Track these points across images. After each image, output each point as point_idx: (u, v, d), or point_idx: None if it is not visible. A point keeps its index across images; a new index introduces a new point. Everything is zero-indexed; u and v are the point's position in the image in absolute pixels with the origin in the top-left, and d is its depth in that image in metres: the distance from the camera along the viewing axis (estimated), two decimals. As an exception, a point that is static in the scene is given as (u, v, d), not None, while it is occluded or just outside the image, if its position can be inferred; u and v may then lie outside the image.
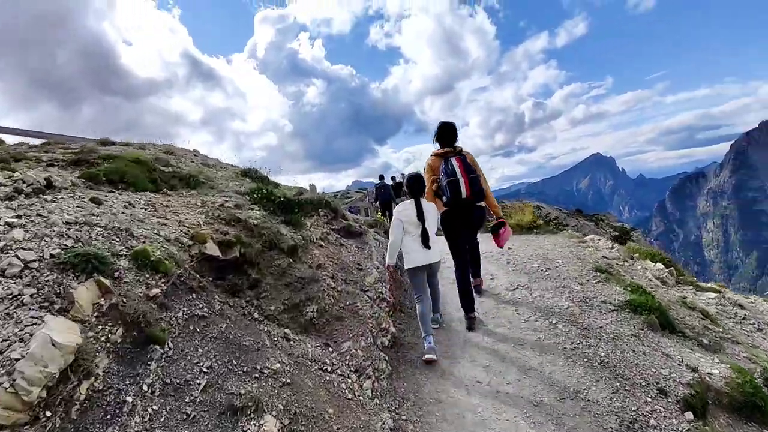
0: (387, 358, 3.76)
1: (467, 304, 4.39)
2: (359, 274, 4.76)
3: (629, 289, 4.72)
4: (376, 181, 15.85)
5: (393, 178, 15.76)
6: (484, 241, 5.57)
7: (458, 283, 4.41)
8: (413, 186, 4.00)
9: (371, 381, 3.37)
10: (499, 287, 5.21)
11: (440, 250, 4.11)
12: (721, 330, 4.55)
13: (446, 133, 4.48)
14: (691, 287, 5.89)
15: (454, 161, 4.25)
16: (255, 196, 5.21)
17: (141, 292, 2.86)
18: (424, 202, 3.97)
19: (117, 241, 3.11)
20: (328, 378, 3.22)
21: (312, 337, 3.71)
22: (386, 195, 14.62)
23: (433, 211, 4.03)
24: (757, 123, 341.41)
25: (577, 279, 5.08)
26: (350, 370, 3.40)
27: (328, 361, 3.41)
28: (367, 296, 4.41)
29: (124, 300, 2.67)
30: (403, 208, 3.93)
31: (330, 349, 3.58)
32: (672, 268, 6.18)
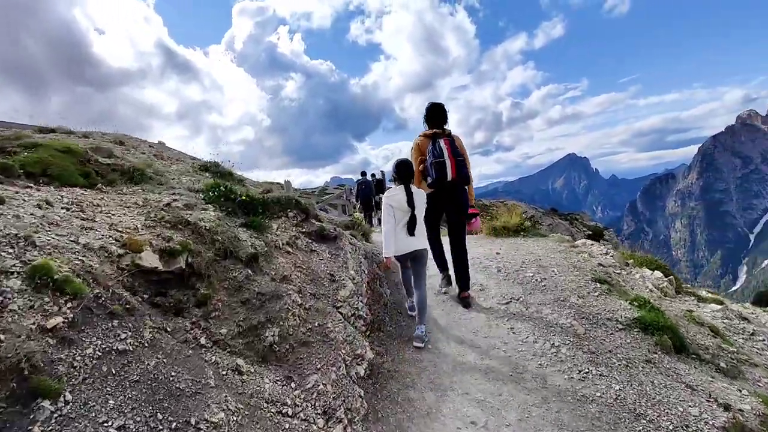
0: (362, 393, 3.09)
1: (441, 264, 4.82)
2: (332, 286, 4.06)
3: (635, 303, 4.22)
4: (358, 176, 15.41)
5: (373, 175, 15.40)
6: (471, 247, 5.18)
7: (432, 251, 4.64)
8: (402, 171, 3.91)
9: (343, 426, 2.71)
10: (491, 300, 4.62)
11: (425, 237, 4.08)
12: (734, 350, 4.08)
13: (436, 113, 4.43)
14: (693, 298, 5.47)
15: (442, 143, 4.22)
16: (211, 194, 4.46)
17: (34, 324, 2.13)
18: (413, 187, 3.90)
19: (9, 254, 2.36)
20: (288, 426, 2.56)
21: (271, 368, 3.01)
22: (367, 191, 14.22)
23: (422, 198, 3.96)
24: (723, 127, 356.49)
25: (577, 291, 4.53)
26: (317, 413, 2.74)
27: (289, 401, 2.73)
28: (341, 314, 3.75)
29: (1, 337, 1.95)
30: (393, 194, 3.86)
31: (293, 385, 2.90)
32: (671, 276, 5.75)
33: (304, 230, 5.06)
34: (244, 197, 4.54)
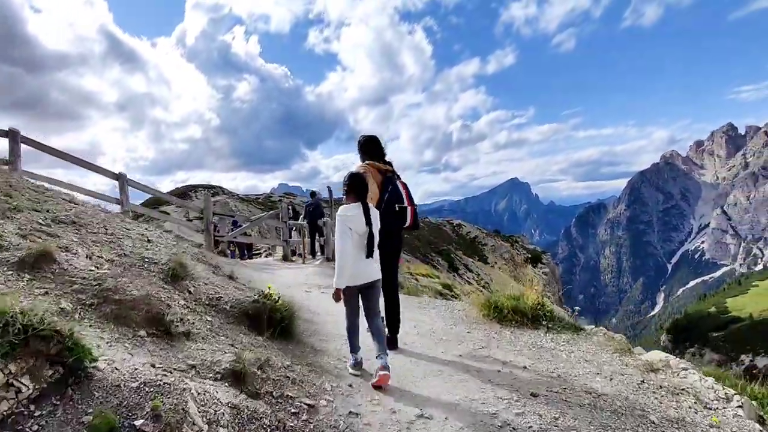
0: None
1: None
2: None
3: None
4: (307, 188, 16.73)
5: (313, 194, 14.52)
6: (460, 351, 4.45)
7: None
8: (358, 184, 3.47)
9: None
10: None
11: (378, 263, 3.61)
12: None
13: (375, 146, 4.27)
14: None
15: (400, 186, 4.19)
16: None
17: None
18: (370, 205, 3.56)
19: None
20: None
21: None
22: (316, 214, 13.42)
23: (377, 216, 3.56)
24: (649, 164, 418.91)
25: None
26: None
27: None
28: None
29: None
30: (350, 213, 3.36)
31: None
32: None
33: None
34: None
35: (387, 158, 4.46)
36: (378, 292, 3.71)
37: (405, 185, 4.37)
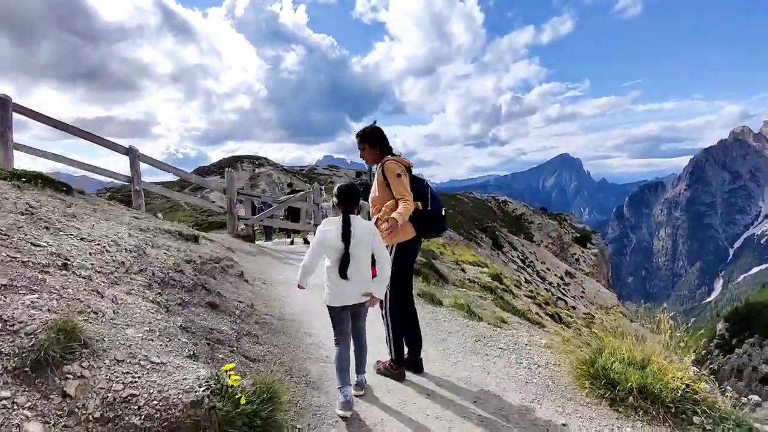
0: None
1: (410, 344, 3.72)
2: None
3: None
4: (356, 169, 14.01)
5: (359, 174, 12.23)
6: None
7: (396, 328, 3.64)
8: (346, 195, 3.14)
9: None
10: None
11: (366, 285, 3.15)
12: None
13: (386, 137, 3.66)
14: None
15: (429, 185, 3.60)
16: None
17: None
18: (356, 219, 3.11)
19: None
20: None
21: None
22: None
23: (367, 231, 3.13)
24: (716, 141, 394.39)
25: None
26: None
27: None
28: None
29: None
30: (327, 227, 3.10)
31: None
32: None
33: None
34: None
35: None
36: (362, 316, 3.34)
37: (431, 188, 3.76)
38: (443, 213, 3.58)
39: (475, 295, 8.37)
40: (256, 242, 11.68)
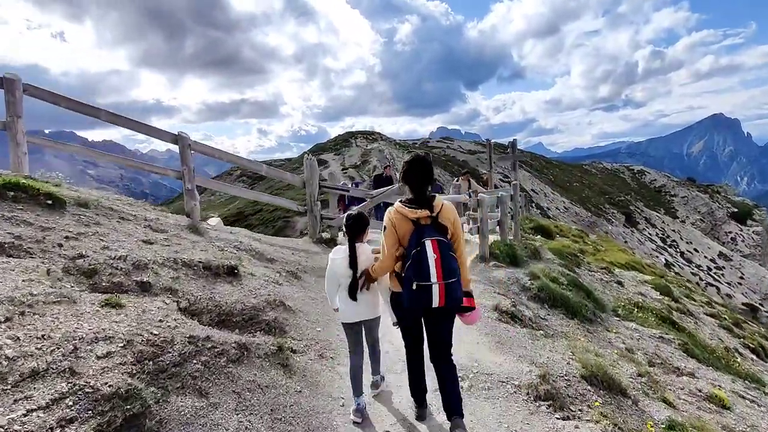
0: None
1: (417, 392, 3.40)
2: None
3: None
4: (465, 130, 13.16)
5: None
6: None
7: (408, 371, 3.38)
8: (351, 226, 3.31)
9: None
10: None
11: (375, 303, 3.39)
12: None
13: (415, 172, 3.03)
14: None
15: (429, 246, 2.84)
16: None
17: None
18: (361, 247, 3.32)
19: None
20: None
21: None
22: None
23: (372, 257, 3.34)
24: None
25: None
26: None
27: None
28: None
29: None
30: (336, 255, 3.37)
31: None
32: None
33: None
34: None
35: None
36: (374, 329, 3.55)
37: (438, 241, 2.89)
38: (413, 287, 2.87)
39: (654, 337, 6.68)
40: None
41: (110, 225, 4.42)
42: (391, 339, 4.12)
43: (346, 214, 3.46)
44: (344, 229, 3.43)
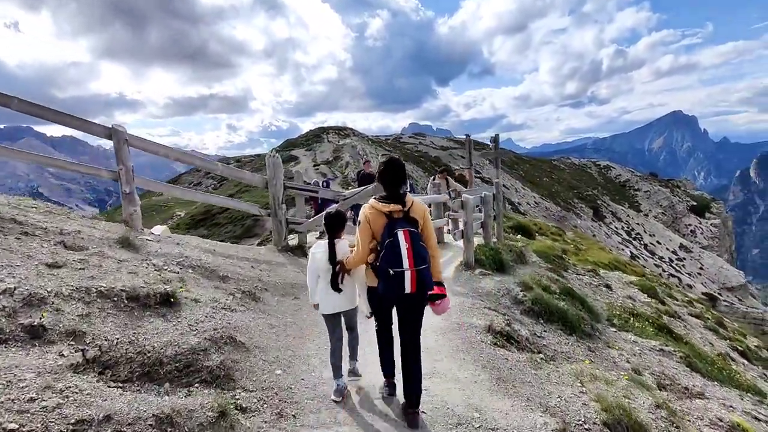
0: None
1: (387, 366, 3.65)
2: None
3: None
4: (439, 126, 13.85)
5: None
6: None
7: (379, 347, 3.66)
8: (330, 223, 3.57)
9: None
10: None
11: (352, 295, 3.60)
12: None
13: (388, 174, 3.32)
14: None
15: (401, 236, 3.10)
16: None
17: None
18: (339, 242, 3.56)
19: None
20: None
21: None
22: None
23: (345, 249, 3.56)
24: None
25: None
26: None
27: None
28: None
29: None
30: (316, 250, 3.63)
31: None
32: None
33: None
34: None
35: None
36: (353, 319, 3.77)
37: (410, 232, 3.16)
38: (389, 273, 3.11)
39: (654, 350, 6.10)
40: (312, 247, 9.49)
41: (5, 244, 3.45)
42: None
43: (324, 213, 3.73)
44: (324, 227, 3.66)
